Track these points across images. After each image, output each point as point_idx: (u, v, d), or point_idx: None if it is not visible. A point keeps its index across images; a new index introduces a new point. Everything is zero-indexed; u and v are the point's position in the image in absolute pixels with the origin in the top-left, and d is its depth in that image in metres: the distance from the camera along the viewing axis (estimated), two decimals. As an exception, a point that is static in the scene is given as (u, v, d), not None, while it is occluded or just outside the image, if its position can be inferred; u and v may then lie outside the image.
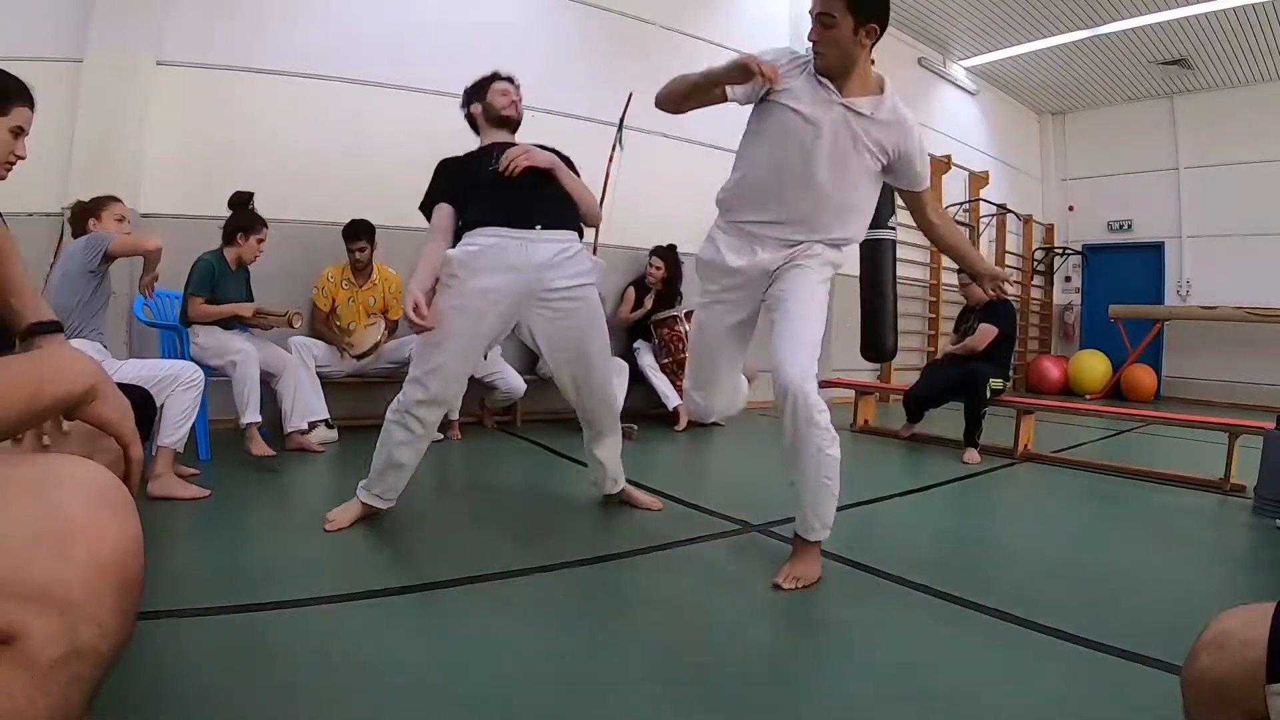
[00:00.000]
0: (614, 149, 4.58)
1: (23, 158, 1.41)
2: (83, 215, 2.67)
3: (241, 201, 3.17)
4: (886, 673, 1.38)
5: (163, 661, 1.30)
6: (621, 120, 4.55)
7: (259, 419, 2.95)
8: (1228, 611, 0.72)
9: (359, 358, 3.62)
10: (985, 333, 3.93)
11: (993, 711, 1.25)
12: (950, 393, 4.03)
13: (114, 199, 2.71)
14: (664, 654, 1.45)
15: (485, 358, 4.00)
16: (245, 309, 3.12)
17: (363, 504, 2.20)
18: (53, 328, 1.35)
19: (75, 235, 2.66)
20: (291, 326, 3.11)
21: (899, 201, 2.13)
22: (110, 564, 0.61)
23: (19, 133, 1.38)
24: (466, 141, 4.35)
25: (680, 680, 1.33)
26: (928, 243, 7.63)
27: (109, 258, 2.42)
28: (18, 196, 2.71)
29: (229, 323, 3.13)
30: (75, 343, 2.16)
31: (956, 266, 4.32)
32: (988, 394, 3.77)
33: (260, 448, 2.90)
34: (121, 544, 0.63)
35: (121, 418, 0.76)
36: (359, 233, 3.73)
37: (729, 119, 6.16)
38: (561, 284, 2.19)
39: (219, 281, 3.08)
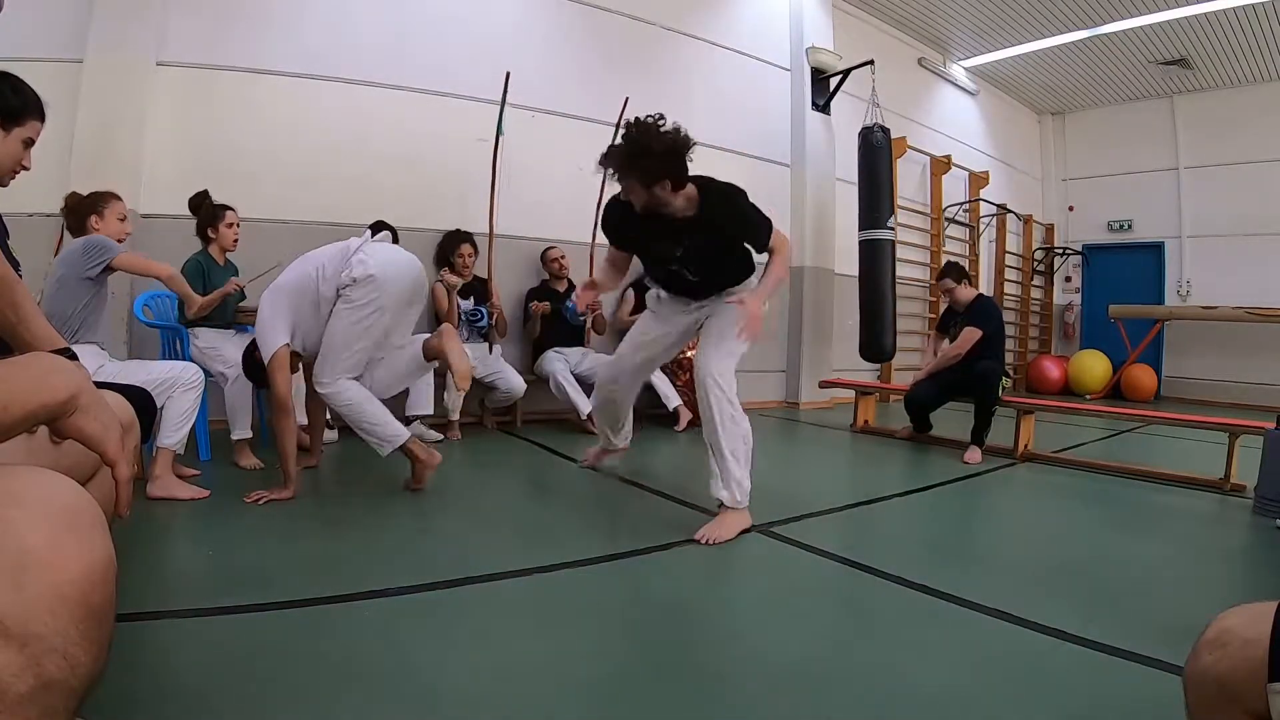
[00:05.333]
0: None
1: (28, 168, 1.41)
2: (82, 211, 2.57)
3: (198, 203, 3.16)
4: (886, 673, 1.38)
5: (163, 661, 1.30)
6: (616, 129, 4.57)
7: (249, 434, 2.96)
8: (1229, 610, 0.72)
9: None
10: (967, 337, 3.83)
11: (993, 712, 1.24)
12: (959, 393, 3.99)
13: (115, 196, 2.64)
14: (664, 654, 1.45)
15: (490, 352, 4.02)
16: (231, 285, 3.02)
17: None
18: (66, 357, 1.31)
19: (73, 230, 2.58)
20: None
21: (898, 202, 2.22)
22: (72, 593, 0.57)
23: (28, 144, 1.38)
24: (466, 141, 4.37)
25: (681, 680, 1.33)
26: (928, 243, 7.68)
27: (111, 269, 2.40)
28: (18, 197, 2.69)
29: (223, 315, 3.10)
30: (73, 347, 2.15)
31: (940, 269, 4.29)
32: (999, 390, 3.76)
33: (248, 460, 2.89)
34: (84, 570, 0.58)
35: (104, 432, 0.70)
36: (384, 226, 3.76)
37: (728, 119, 6.19)
38: None
39: (209, 278, 3.07)
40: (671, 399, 4.47)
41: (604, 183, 4.66)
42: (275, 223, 3.88)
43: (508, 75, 3.82)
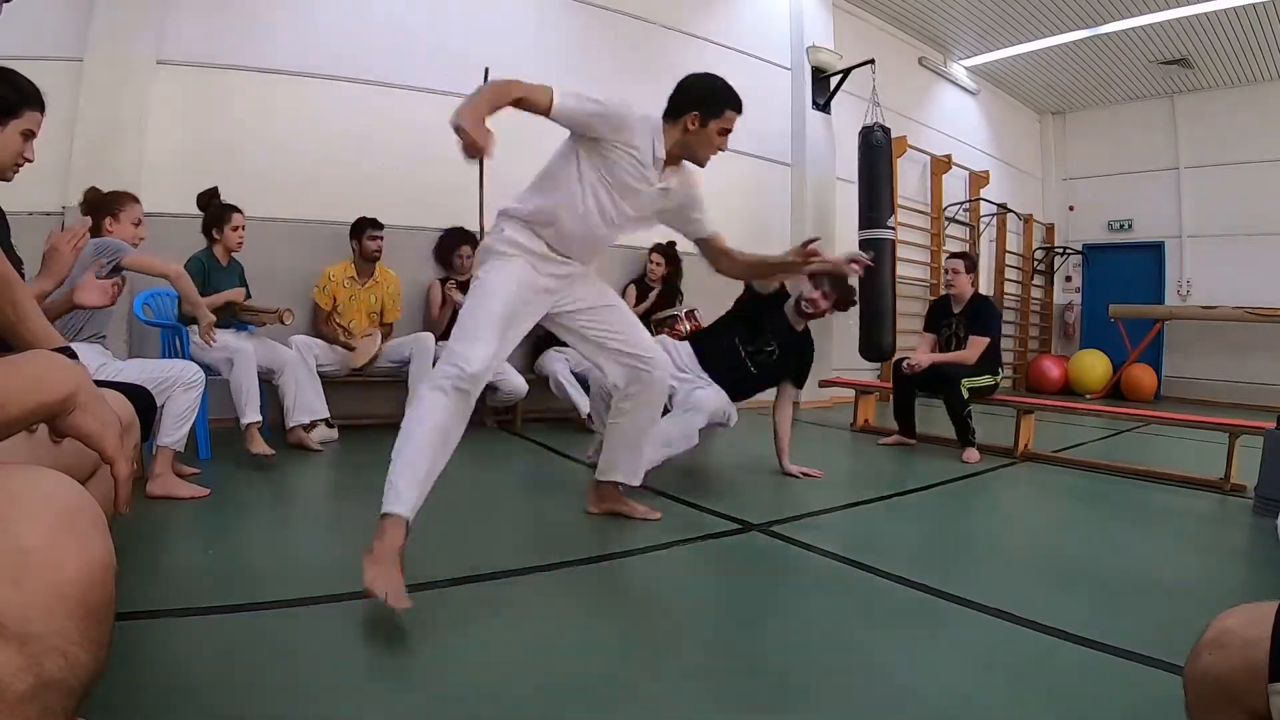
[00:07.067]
0: None
1: (30, 160, 1.41)
2: (99, 210, 2.59)
3: (206, 201, 3.17)
4: (886, 673, 1.38)
5: (163, 661, 1.30)
6: None
7: (259, 419, 2.92)
8: (1229, 611, 0.72)
9: (359, 369, 3.65)
10: (975, 346, 3.85)
11: (993, 712, 1.24)
12: (931, 393, 3.96)
13: (133, 198, 2.66)
14: (664, 654, 1.45)
15: None
16: (235, 294, 3.08)
17: None
18: (65, 355, 1.31)
19: (92, 226, 2.57)
20: (283, 323, 3.10)
21: (898, 202, 2.19)
22: (71, 593, 0.57)
23: (28, 136, 1.37)
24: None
25: (681, 680, 1.33)
26: (928, 242, 7.66)
27: (119, 269, 2.40)
28: (18, 195, 2.68)
29: (224, 320, 3.11)
30: (74, 345, 2.15)
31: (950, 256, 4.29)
32: (964, 394, 3.73)
33: (260, 446, 2.87)
34: (82, 570, 0.58)
35: (104, 430, 0.70)
36: (370, 224, 3.78)
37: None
38: None
39: (210, 277, 3.08)
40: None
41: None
42: (276, 221, 3.88)
43: (486, 71, 3.76)
